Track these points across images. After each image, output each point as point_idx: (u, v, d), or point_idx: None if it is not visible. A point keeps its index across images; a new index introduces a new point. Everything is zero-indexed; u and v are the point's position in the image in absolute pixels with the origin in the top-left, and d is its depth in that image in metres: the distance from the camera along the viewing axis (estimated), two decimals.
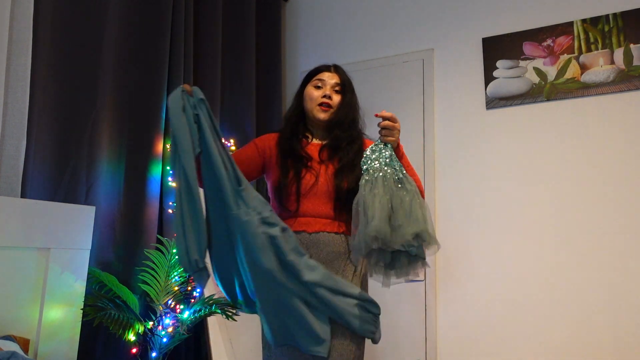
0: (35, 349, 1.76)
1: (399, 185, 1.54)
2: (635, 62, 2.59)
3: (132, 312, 2.05)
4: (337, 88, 1.79)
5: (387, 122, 1.59)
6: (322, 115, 1.76)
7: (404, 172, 1.58)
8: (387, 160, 1.58)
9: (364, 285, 1.71)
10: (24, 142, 1.89)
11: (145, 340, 2.11)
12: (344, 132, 1.75)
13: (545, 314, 2.63)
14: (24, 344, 1.67)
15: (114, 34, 2.35)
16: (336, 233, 1.67)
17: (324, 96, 1.76)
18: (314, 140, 1.82)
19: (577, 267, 2.59)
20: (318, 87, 1.79)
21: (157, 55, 2.52)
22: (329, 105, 1.76)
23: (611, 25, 2.67)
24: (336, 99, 1.77)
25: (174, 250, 2.21)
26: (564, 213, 2.66)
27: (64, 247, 1.88)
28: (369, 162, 1.59)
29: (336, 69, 1.83)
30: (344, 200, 1.66)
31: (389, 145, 1.60)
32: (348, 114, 1.77)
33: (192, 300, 2.28)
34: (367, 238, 1.45)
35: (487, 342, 2.74)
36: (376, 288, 1.65)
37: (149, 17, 2.52)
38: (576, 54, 2.73)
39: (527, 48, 2.85)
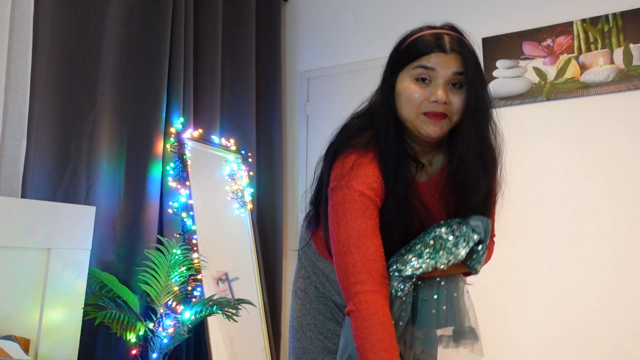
0: (36, 349, 1.76)
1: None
2: (635, 62, 2.59)
3: (132, 312, 2.05)
4: (456, 79, 1.07)
5: None
6: (431, 131, 1.09)
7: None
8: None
9: None
10: (24, 142, 1.89)
11: (146, 341, 2.11)
12: (474, 155, 1.09)
13: (546, 313, 2.63)
14: (24, 344, 1.67)
15: (114, 34, 2.35)
16: None
17: (435, 101, 1.07)
18: (423, 165, 1.17)
19: (577, 266, 2.59)
20: (423, 80, 1.08)
21: (157, 55, 2.52)
22: (442, 115, 1.08)
23: (611, 25, 2.67)
24: (456, 101, 1.08)
25: (174, 250, 2.22)
26: (564, 212, 2.66)
27: (64, 247, 1.88)
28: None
29: (452, 45, 1.06)
30: None
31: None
32: (479, 125, 1.09)
33: (193, 300, 2.29)
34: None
35: (487, 342, 2.74)
36: None
37: (149, 17, 2.52)
38: (576, 53, 2.74)
39: (527, 48, 2.85)
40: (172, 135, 2.55)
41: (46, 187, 2.02)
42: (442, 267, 1.08)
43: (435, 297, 1.13)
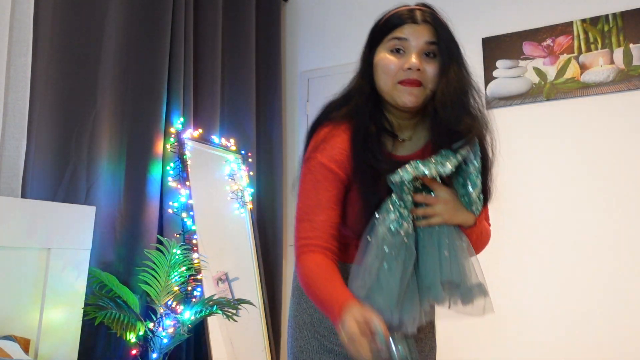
0: (36, 349, 1.76)
1: None
2: (635, 62, 2.59)
3: (132, 312, 2.05)
4: (429, 49, 1.12)
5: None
6: (406, 99, 1.12)
7: None
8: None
9: None
10: (24, 142, 1.89)
11: (146, 341, 2.11)
12: (453, 124, 1.10)
13: (547, 315, 2.63)
14: (25, 344, 1.67)
15: (114, 34, 2.35)
16: None
17: (409, 68, 1.10)
18: (401, 138, 1.19)
19: (577, 266, 2.59)
20: (397, 51, 1.12)
21: (157, 55, 2.52)
22: (417, 82, 1.11)
23: (611, 25, 2.67)
24: (430, 70, 1.11)
25: (174, 250, 2.22)
26: (564, 212, 2.66)
27: (64, 247, 1.88)
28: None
29: (424, 17, 1.12)
30: None
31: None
32: (456, 90, 1.10)
33: (193, 300, 2.29)
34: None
35: (487, 342, 2.74)
36: None
37: (149, 17, 2.52)
38: (576, 53, 2.74)
39: (527, 48, 2.85)
40: (172, 135, 2.55)
41: (46, 187, 2.02)
42: (428, 172, 1.08)
43: (436, 242, 1.11)
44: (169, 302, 2.19)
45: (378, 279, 1.06)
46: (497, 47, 2.93)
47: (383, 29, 1.16)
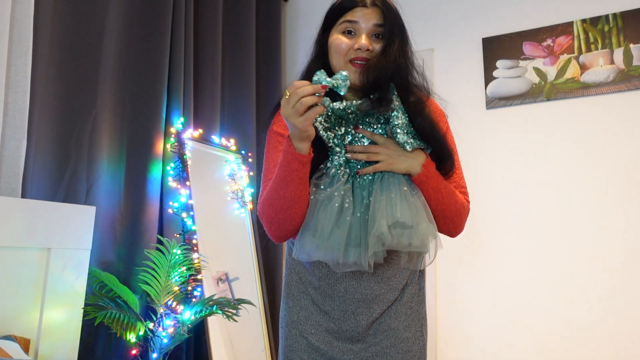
0: (36, 349, 1.76)
1: None
2: (635, 62, 2.59)
3: (132, 312, 2.05)
4: (377, 31, 1.22)
5: (360, 156, 1.21)
6: (356, 79, 1.21)
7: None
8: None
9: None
10: (24, 142, 1.89)
11: (146, 341, 2.11)
12: (375, 86, 1.18)
13: (547, 315, 2.63)
14: (25, 344, 1.67)
15: (115, 34, 2.35)
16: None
17: (358, 48, 1.19)
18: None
19: (578, 267, 2.60)
20: (349, 33, 1.22)
21: (157, 55, 2.52)
22: (366, 60, 1.20)
23: (611, 25, 2.67)
24: (378, 49, 1.21)
25: (174, 250, 2.22)
26: (564, 213, 2.66)
27: (64, 247, 1.88)
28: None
29: (373, 1, 1.22)
30: None
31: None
32: (384, 65, 1.17)
33: (193, 300, 2.29)
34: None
35: (487, 342, 2.74)
36: None
37: (149, 17, 2.52)
38: (576, 54, 2.74)
39: (527, 48, 2.85)
40: (172, 135, 2.55)
41: (46, 187, 2.02)
42: (341, 89, 1.14)
43: (385, 189, 1.16)
44: (169, 302, 2.19)
45: (313, 221, 1.14)
46: (497, 47, 2.93)
47: (336, 13, 1.27)
